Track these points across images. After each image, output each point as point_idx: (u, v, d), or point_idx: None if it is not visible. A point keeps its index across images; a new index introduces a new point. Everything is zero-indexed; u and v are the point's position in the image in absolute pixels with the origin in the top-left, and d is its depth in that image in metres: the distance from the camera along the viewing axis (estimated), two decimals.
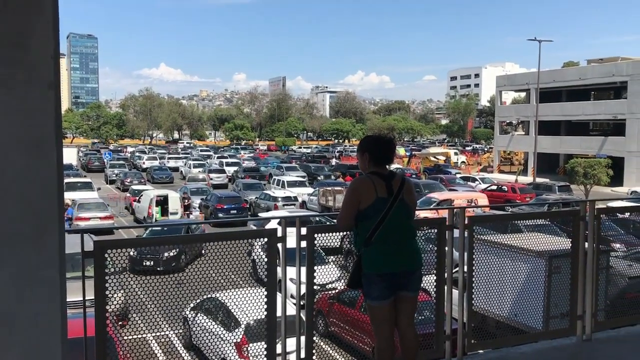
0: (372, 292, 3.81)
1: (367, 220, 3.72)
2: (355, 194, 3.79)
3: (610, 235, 19.88)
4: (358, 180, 3.88)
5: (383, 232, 3.71)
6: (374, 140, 3.95)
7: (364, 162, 3.90)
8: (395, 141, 4.21)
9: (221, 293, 8.74)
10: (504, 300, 5.42)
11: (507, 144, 57.96)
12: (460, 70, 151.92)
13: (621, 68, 46.76)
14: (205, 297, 4.77)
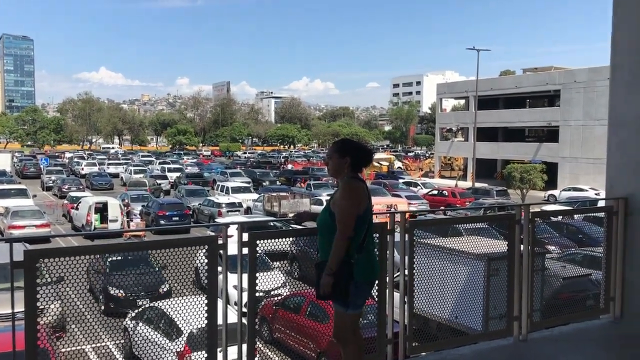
0: (358, 301, 3.80)
1: (362, 225, 3.72)
2: (358, 197, 3.72)
3: (546, 238, 20.62)
4: (354, 182, 3.79)
5: (370, 239, 3.81)
6: (357, 146, 3.90)
7: (341, 166, 3.81)
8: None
9: (163, 302, 8.61)
10: (445, 302, 5.54)
11: (447, 150, 59.42)
12: (402, 77, 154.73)
13: (554, 77, 48.80)
14: (146, 306, 4.67)
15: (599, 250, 10.25)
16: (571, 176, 44.59)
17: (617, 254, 5.87)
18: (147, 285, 5.05)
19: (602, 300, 5.90)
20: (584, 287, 10.01)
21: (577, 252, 16.97)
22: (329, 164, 3.91)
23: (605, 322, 5.80)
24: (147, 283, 4.12)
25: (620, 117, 5.96)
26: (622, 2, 5.88)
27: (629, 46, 5.85)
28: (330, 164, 3.89)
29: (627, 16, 5.86)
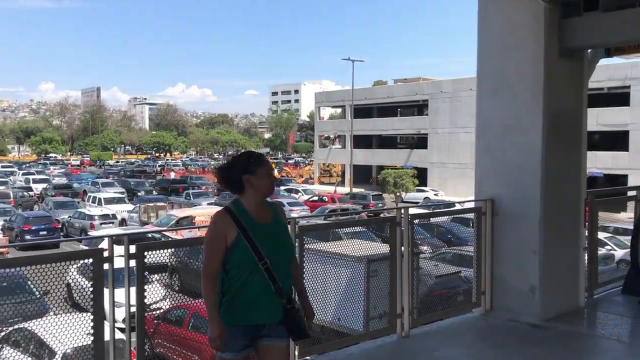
0: None
1: None
2: None
3: (419, 239, 21.60)
4: None
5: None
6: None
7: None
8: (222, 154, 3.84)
9: (32, 322, 7.93)
10: (328, 305, 5.66)
11: (326, 157, 60.81)
12: (281, 86, 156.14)
13: (422, 88, 51.74)
14: (12, 328, 4.29)
15: (467, 248, 11.02)
16: (439, 180, 47.44)
17: (486, 252, 6.32)
18: (28, 317, 4.54)
19: (474, 294, 6.33)
20: (455, 284, 10.68)
21: (447, 251, 18.09)
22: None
23: (478, 315, 6.23)
24: (29, 313, 3.75)
25: (486, 123, 6.44)
26: (486, 18, 6.38)
27: (492, 58, 6.35)
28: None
29: (490, 31, 6.36)
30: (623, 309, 6.67)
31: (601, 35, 5.92)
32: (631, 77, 37.96)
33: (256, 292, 3.05)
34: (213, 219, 3.11)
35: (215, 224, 3.08)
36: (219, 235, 3.05)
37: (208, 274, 3.05)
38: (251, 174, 3.10)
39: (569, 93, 6.30)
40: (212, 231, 3.08)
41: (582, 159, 6.50)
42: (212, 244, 3.07)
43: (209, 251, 3.08)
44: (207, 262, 3.06)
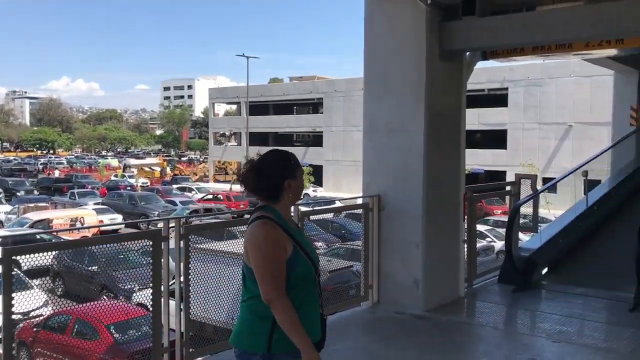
0: None
1: None
2: None
3: (313, 235, 21.92)
4: None
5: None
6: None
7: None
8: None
9: None
10: (221, 305, 5.58)
11: (221, 154, 59.98)
12: (173, 80, 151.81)
13: (317, 86, 52.45)
14: None
15: (358, 243, 11.25)
16: (334, 177, 48.35)
17: (374, 246, 6.51)
18: None
19: (362, 288, 6.50)
20: (347, 278, 10.94)
21: (341, 246, 18.52)
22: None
23: (366, 308, 6.40)
24: None
25: (373, 124, 6.63)
26: (372, 22, 6.55)
27: (378, 61, 6.54)
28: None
29: (377, 33, 6.55)
30: (499, 297, 7.13)
31: (478, 38, 6.28)
32: (509, 79, 40.69)
33: (314, 307, 2.73)
34: (266, 232, 2.60)
35: (273, 237, 2.60)
36: (280, 249, 2.60)
37: (283, 295, 2.55)
38: (292, 178, 2.71)
39: (449, 94, 6.63)
40: (272, 246, 2.59)
41: (461, 156, 6.87)
42: (276, 260, 2.58)
43: (275, 270, 2.56)
44: (277, 283, 2.55)
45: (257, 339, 2.61)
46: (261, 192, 2.70)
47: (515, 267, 7.48)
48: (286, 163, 2.72)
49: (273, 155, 2.74)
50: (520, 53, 6.72)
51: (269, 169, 2.68)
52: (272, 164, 2.69)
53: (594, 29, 5.48)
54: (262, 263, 2.56)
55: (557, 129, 38.76)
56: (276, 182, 2.67)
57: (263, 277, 2.55)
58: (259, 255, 2.57)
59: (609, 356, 5.12)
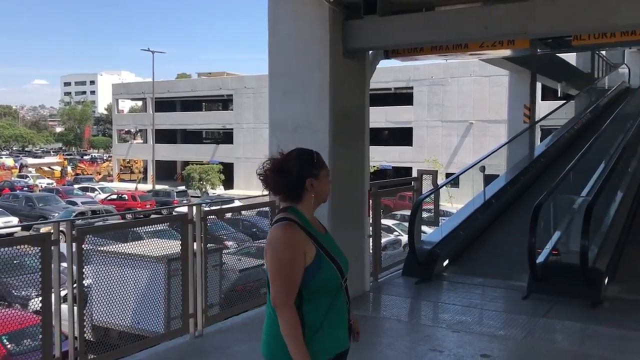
0: None
1: None
2: None
3: (224, 234, 21.60)
4: None
5: None
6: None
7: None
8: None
9: None
10: (126, 309, 5.35)
11: (126, 153, 57.80)
12: (74, 76, 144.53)
13: (227, 82, 51.74)
14: None
15: None
16: (245, 175, 47.90)
17: None
18: None
19: None
20: (258, 277, 10.85)
21: (252, 245, 18.35)
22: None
23: None
24: None
25: (278, 122, 6.59)
26: (275, 19, 6.50)
27: (282, 58, 6.51)
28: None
29: (281, 30, 6.50)
30: (403, 290, 7.32)
31: (379, 37, 6.39)
32: (414, 79, 42.06)
33: (342, 314, 2.60)
34: (285, 235, 2.46)
35: (291, 241, 2.45)
36: (298, 254, 2.44)
37: (291, 305, 2.41)
38: (315, 177, 2.57)
39: (353, 93, 6.70)
40: (289, 250, 2.43)
41: (366, 153, 6.97)
42: (291, 266, 2.42)
43: (287, 276, 2.41)
44: (287, 290, 2.41)
45: (286, 353, 2.43)
46: (281, 191, 2.57)
47: (418, 260, 7.71)
48: (308, 161, 2.57)
49: (295, 153, 2.60)
50: (420, 52, 6.91)
51: (290, 167, 2.54)
52: (293, 162, 2.55)
53: (486, 30, 5.73)
54: (276, 266, 2.43)
55: (458, 127, 40.53)
56: (297, 181, 2.53)
57: (274, 281, 2.43)
58: (274, 257, 2.44)
59: (504, 343, 5.37)
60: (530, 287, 6.96)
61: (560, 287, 6.83)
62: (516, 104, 16.59)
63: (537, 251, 7.28)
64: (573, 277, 6.77)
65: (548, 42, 7.72)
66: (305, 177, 2.53)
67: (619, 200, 9.62)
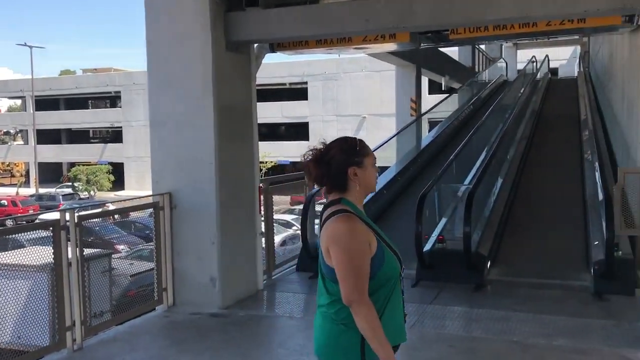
0: None
1: None
2: None
3: (114, 238, 20.54)
4: None
5: None
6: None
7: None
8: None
9: None
10: (5, 324, 4.89)
11: (5, 155, 53.74)
12: None
13: (114, 79, 49.43)
14: None
15: None
16: (137, 175, 46.10)
17: (167, 246, 6.19)
18: None
19: (156, 292, 6.15)
20: (151, 281, 10.39)
21: (144, 247, 17.60)
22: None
23: (160, 313, 6.06)
24: None
25: (159, 116, 6.28)
26: (152, 9, 6.19)
27: (161, 51, 6.20)
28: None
29: (158, 21, 6.20)
30: (297, 286, 7.26)
31: (262, 30, 6.25)
32: (308, 74, 42.39)
33: (400, 307, 2.46)
34: (350, 227, 2.29)
35: (357, 233, 2.29)
36: (365, 245, 2.29)
37: (368, 300, 2.25)
38: (357, 165, 2.41)
39: (239, 87, 6.52)
40: (357, 242, 2.27)
41: (255, 148, 6.82)
42: (362, 259, 2.27)
43: (360, 269, 2.25)
44: (362, 285, 2.24)
45: (347, 354, 2.31)
46: (324, 182, 2.42)
47: (311, 255, 7.69)
48: (350, 149, 2.43)
49: (337, 142, 2.46)
50: (305, 46, 6.85)
51: (331, 155, 2.40)
52: (334, 151, 2.41)
53: (368, 23, 5.76)
54: (346, 260, 2.25)
55: (353, 121, 41.38)
56: (338, 170, 2.39)
57: (346, 276, 2.24)
58: (342, 252, 2.26)
59: None
60: (419, 275, 7.15)
61: (447, 273, 7.07)
62: (403, 98, 17.13)
63: (424, 238, 7.50)
64: (458, 262, 7.02)
65: (429, 36, 7.94)
66: (347, 166, 2.40)
67: (499, 187, 10.16)
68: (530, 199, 10.27)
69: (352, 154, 2.42)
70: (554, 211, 9.64)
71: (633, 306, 5.70)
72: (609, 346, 4.89)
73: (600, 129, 13.19)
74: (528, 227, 9.11)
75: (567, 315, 5.70)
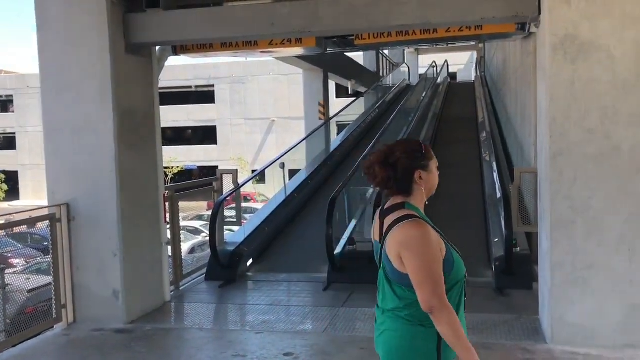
0: None
1: None
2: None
3: (9, 252, 19.23)
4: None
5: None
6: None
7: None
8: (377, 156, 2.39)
9: None
10: None
11: None
12: None
13: (5, 81, 46.33)
14: None
15: None
16: (34, 183, 43.42)
17: (65, 260, 5.83)
18: None
19: (55, 309, 5.77)
20: (50, 296, 9.76)
21: (43, 260, 16.57)
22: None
23: (59, 331, 5.69)
24: None
25: (54, 123, 5.91)
26: (44, 9, 5.81)
27: (55, 53, 5.84)
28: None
29: (51, 21, 5.82)
30: (206, 295, 7.07)
31: (164, 33, 6.02)
32: (215, 77, 41.73)
33: (462, 308, 2.43)
34: (422, 233, 2.26)
35: (429, 237, 2.27)
36: (438, 249, 2.28)
37: (447, 302, 2.21)
38: (423, 168, 2.40)
39: (140, 90, 6.25)
40: (431, 247, 2.25)
41: (158, 154, 6.56)
42: (438, 263, 2.25)
43: (437, 274, 2.22)
44: (441, 290, 2.21)
45: (422, 355, 2.29)
46: (389, 185, 2.39)
47: (221, 262, 7.52)
48: (416, 152, 2.42)
49: (402, 144, 2.46)
50: (210, 49, 6.67)
51: (397, 158, 2.38)
52: (399, 154, 2.39)
53: (274, 27, 5.70)
54: (422, 266, 2.22)
55: (261, 124, 41.20)
56: (405, 173, 2.38)
57: (423, 282, 2.21)
58: (417, 258, 2.23)
59: (307, 338, 5.41)
60: (331, 278, 7.18)
61: (357, 275, 7.13)
62: (311, 101, 17.24)
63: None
64: (368, 264, 7.10)
65: (335, 40, 7.99)
66: (414, 169, 2.39)
67: None
68: (435, 198, 10.62)
69: (418, 157, 2.42)
70: (456, 209, 10.03)
71: (531, 300, 5.99)
72: (511, 340, 5.11)
73: (496, 130, 13.89)
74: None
75: (473, 311, 5.89)
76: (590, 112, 4.66)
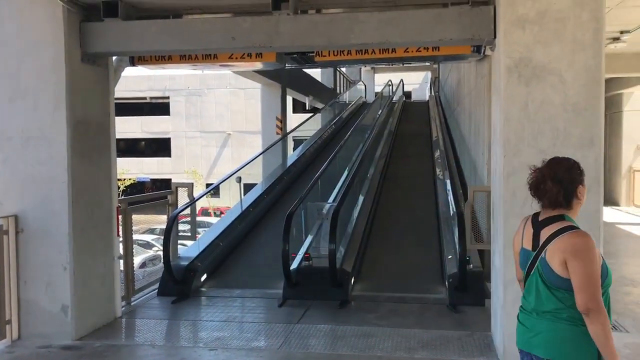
0: None
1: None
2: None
3: None
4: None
5: (523, 293, 2.83)
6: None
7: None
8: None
9: None
10: None
11: None
12: None
13: None
14: None
15: None
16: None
17: (11, 274, 5.61)
18: None
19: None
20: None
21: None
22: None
23: (3, 348, 5.45)
24: None
25: (4, 131, 5.71)
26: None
27: (7, 60, 5.66)
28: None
29: (6, 27, 5.66)
30: (159, 311, 6.91)
31: (122, 43, 5.92)
32: (170, 88, 41.25)
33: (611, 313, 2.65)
34: (588, 242, 2.52)
35: (594, 247, 2.53)
36: (598, 258, 2.55)
37: (603, 307, 2.49)
38: (582, 184, 2.69)
39: (95, 100, 6.12)
40: (595, 255, 2.51)
41: (112, 166, 6.42)
42: (599, 270, 2.53)
43: (598, 280, 2.50)
44: (599, 294, 2.48)
45: (585, 353, 2.53)
46: (559, 198, 2.64)
47: (174, 278, 7.39)
48: (576, 169, 2.69)
49: (563, 162, 2.71)
50: (168, 61, 6.61)
51: (562, 175, 2.65)
52: (567, 170, 2.67)
53: (234, 41, 5.68)
54: (588, 272, 2.48)
55: (217, 137, 40.88)
56: (570, 189, 2.64)
57: (586, 286, 2.47)
58: (584, 264, 2.48)
59: (261, 355, 5.35)
60: (286, 294, 7.14)
61: (314, 291, 7.13)
62: (269, 116, 17.23)
63: (292, 256, 7.51)
64: (324, 279, 7.12)
65: (294, 57, 8.04)
66: (577, 184, 2.66)
67: (361, 204, 10.52)
68: (390, 215, 10.75)
69: (579, 174, 2.69)
70: (411, 226, 10.17)
71: (484, 316, 6.10)
72: (464, 356, 5.18)
73: (450, 148, 14.20)
74: (388, 242, 9.51)
75: (426, 328, 5.98)
76: (543, 133, 4.81)
